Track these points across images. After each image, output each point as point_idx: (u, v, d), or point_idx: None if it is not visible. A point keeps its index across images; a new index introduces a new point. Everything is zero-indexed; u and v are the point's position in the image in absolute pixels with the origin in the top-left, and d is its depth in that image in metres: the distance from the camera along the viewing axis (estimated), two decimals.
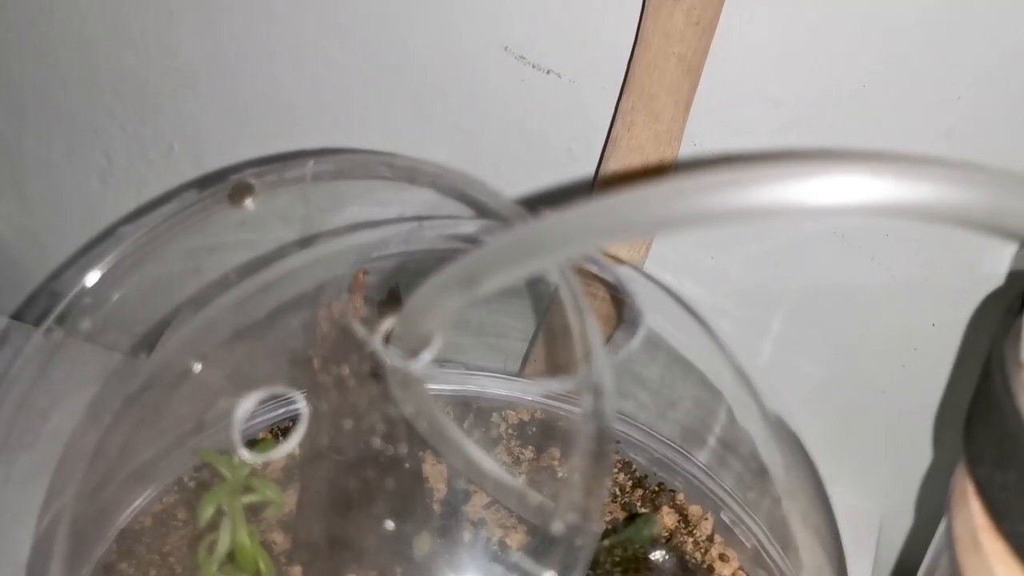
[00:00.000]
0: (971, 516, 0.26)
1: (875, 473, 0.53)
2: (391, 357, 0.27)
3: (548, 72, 0.48)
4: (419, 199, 0.34)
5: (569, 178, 0.51)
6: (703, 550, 0.42)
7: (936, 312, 0.47)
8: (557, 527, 0.23)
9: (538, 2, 0.46)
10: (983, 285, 0.46)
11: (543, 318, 0.47)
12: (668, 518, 0.43)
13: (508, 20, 0.47)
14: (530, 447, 0.44)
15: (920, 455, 0.52)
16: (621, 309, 0.36)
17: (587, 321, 0.25)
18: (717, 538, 0.42)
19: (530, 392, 0.41)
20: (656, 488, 0.44)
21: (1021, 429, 0.24)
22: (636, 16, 0.43)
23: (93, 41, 0.57)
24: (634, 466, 0.45)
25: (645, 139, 0.44)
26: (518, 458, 0.44)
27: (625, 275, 0.36)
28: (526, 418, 0.45)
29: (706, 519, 0.43)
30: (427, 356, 0.26)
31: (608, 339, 0.37)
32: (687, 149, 0.46)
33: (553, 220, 0.22)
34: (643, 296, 0.38)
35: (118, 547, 0.38)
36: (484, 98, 0.50)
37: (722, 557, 0.41)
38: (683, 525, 0.43)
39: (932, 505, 0.52)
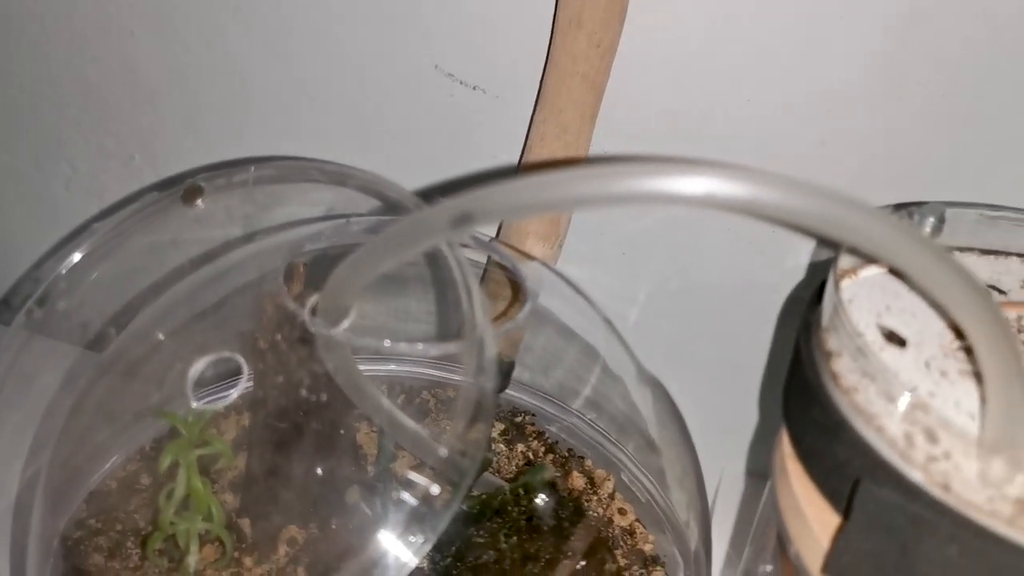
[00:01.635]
0: (783, 448, 0.32)
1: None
2: (316, 326, 0.32)
3: (474, 88, 0.52)
4: (345, 198, 0.40)
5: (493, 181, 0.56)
6: (605, 506, 0.47)
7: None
8: (442, 452, 0.29)
9: (465, 26, 0.50)
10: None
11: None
12: (577, 480, 0.48)
13: (438, 41, 0.51)
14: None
15: None
16: (518, 290, 0.42)
17: (473, 295, 0.31)
18: (618, 496, 0.48)
19: (428, 354, 0.46)
20: (566, 454, 0.50)
21: (815, 378, 0.30)
22: (548, 39, 0.48)
23: (59, 59, 0.60)
24: (547, 435, 0.51)
25: (556, 148, 0.49)
26: (445, 429, 0.49)
27: (517, 262, 0.41)
28: (453, 395, 0.51)
29: (608, 480, 0.49)
30: (345, 324, 0.32)
31: (505, 314, 0.42)
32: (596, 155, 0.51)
33: (450, 203, 0.27)
34: (549, 283, 0.44)
35: (88, 506, 0.43)
36: (418, 111, 0.54)
37: (621, 511, 0.47)
38: (590, 486, 0.48)
39: None
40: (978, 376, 0.27)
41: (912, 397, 0.27)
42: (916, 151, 0.47)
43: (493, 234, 0.49)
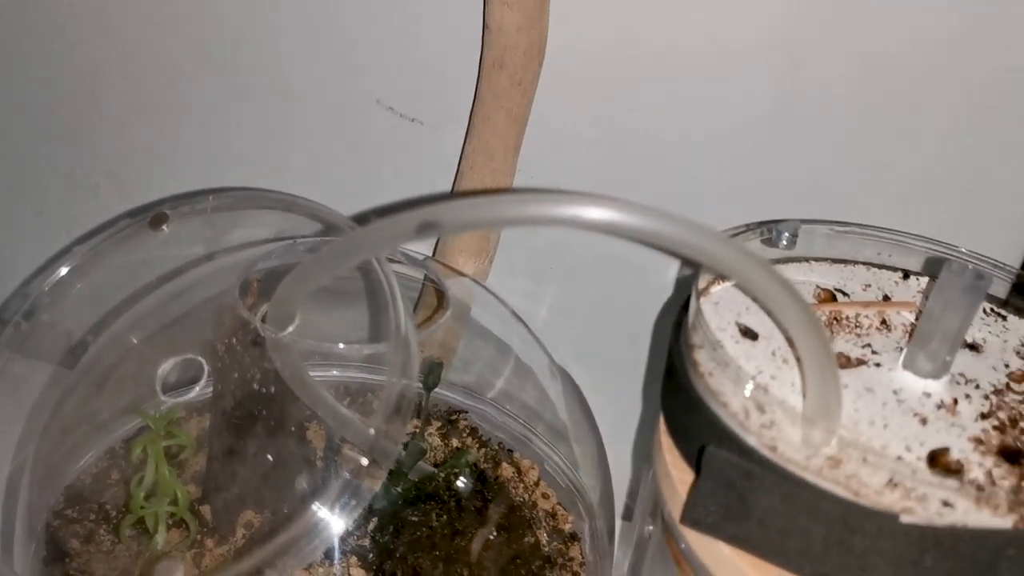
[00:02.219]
0: (660, 425, 0.38)
1: None
2: (266, 330, 0.38)
3: (413, 120, 0.57)
4: (292, 223, 0.46)
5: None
6: (530, 492, 0.53)
7: None
8: (370, 433, 0.34)
9: (404, 64, 0.55)
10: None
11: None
12: (506, 470, 0.54)
13: (380, 77, 0.56)
14: None
15: None
16: (442, 299, 0.48)
17: (398, 303, 0.37)
18: (542, 483, 0.54)
19: (361, 353, 0.52)
20: (497, 447, 0.56)
21: (681, 366, 0.36)
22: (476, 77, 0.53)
23: (30, 93, 0.64)
24: (479, 431, 0.57)
25: (484, 175, 0.54)
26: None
27: (443, 276, 0.47)
28: None
29: (533, 469, 0.54)
30: (291, 328, 0.37)
31: (430, 319, 0.48)
32: (523, 181, 0.56)
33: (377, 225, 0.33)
34: (480, 297, 0.50)
35: (65, 499, 0.48)
36: (362, 142, 0.59)
37: (544, 496, 0.53)
38: (517, 475, 0.54)
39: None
40: None
41: (753, 380, 0.33)
42: (809, 175, 0.52)
43: (429, 253, 0.55)
